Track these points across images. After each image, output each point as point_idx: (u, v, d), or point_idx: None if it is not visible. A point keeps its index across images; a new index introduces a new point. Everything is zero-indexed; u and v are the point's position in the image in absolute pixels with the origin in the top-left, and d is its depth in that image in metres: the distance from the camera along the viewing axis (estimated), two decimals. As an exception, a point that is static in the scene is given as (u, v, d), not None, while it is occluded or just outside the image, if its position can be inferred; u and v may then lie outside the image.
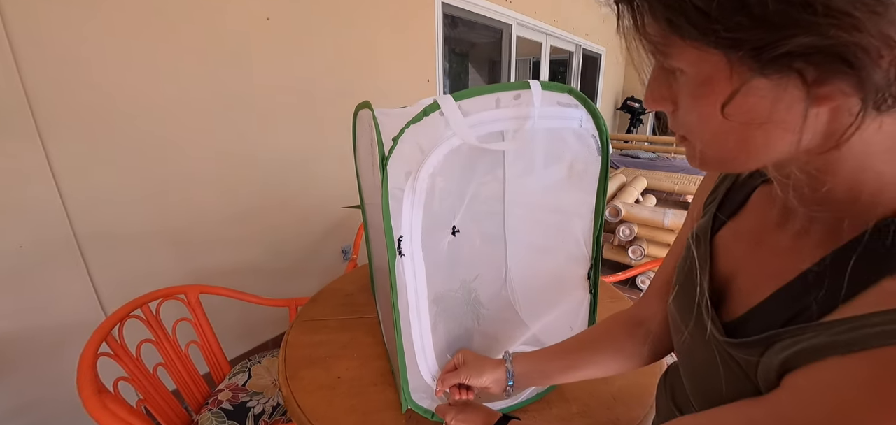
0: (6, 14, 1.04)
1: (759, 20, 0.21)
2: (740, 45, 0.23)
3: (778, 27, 0.21)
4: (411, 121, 0.45)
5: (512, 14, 3.17)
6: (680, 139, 0.31)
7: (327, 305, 1.09)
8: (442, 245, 0.67)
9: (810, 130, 0.24)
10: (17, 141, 1.11)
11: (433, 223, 0.57)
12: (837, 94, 0.23)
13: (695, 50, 0.25)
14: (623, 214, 2.57)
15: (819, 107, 0.23)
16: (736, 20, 0.22)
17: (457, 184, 0.67)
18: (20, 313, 1.21)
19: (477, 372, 0.62)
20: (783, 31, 0.21)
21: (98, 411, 0.78)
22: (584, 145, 0.62)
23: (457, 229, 0.69)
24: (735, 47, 0.23)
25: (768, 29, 0.22)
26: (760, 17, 0.21)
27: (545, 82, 0.51)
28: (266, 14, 1.58)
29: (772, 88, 0.23)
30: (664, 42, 0.26)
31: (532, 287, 0.89)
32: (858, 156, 0.25)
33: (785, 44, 0.21)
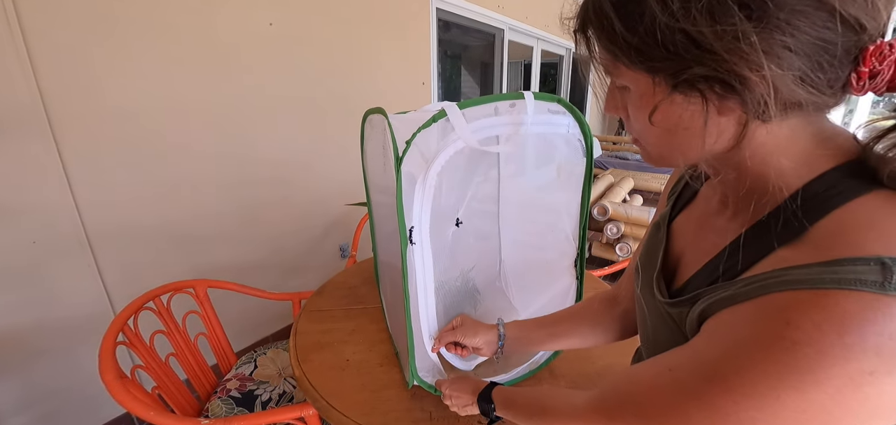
0: (24, 20, 1.09)
1: (669, 54, 0.30)
2: (658, 70, 0.32)
3: (680, 59, 0.30)
4: (422, 127, 0.53)
5: (504, 19, 3.26)
6: (634, 140, 0.40)
7: (332, 297, 1.16)
8: (447, 235, 0.75)
9: (720, 135, 0.33)
10: (33, 141, 1.16)
11: (440, 216, 0.65)
12: (730, 109, 0.31)
13: (632, 72, 0.34)
14: (610, 213, 2.67)
15: (723, 118, 0.32)
16: (655, 53, 0.31)
17: (459, 182, 0.75)
18: (32, 306, 1.25)
19: (471, 333, 0.71)
20: (684, 62, 0.30)
21: (121, 395, 0.84)
22: (571, 148, 0.70)
23: (460, 221, 0.77)
24: (656, 72, 0.32)
25: (674, 60, 0.30)
26: (669, 52, 0.30)
27: (537, 93, 0.59)
28: (269, 20, 1.63)
29: (684, 103, 0.32)
30: (611, 65, 0.35)
31: (523, 277, 0.97)
32: (760, 154, 0.33)
33: (686, 72, 0.30)
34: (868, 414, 0.27)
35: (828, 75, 0.29)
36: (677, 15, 0.28)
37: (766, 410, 0.28)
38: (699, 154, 0.35)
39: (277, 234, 1.90)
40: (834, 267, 0.27)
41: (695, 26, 0.28)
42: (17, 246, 1.19)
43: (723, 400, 0.30)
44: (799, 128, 0.32)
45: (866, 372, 0.25)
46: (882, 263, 0.25)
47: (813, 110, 0.31)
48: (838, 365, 0.26)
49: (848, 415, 0.27)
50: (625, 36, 0.32)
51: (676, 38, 0.29)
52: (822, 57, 0.28)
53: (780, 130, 0.32)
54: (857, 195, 0.29)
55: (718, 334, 0.33)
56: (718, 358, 0.32)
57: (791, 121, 0.32)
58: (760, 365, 0.29)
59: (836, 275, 0.27)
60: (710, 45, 0.28)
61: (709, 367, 0.32)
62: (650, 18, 0.29)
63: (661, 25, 0.29)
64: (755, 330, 0.30)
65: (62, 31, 1.17)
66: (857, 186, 0.30)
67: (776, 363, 0.28)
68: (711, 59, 0.28)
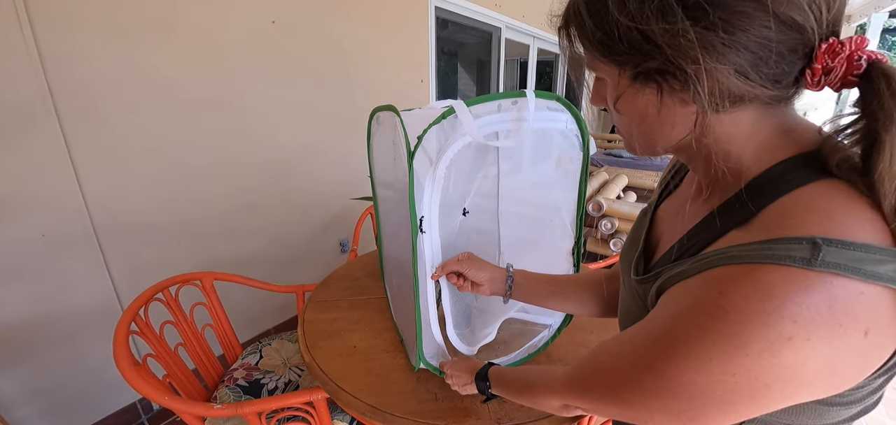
0: (33, 18, 1.11)
1: (629, 49, 0.34)
2: (622, 63, 0.36)
3: (638, 53, 0.34)
4: (432, 123, 0.57)
5: (501, 17, 3.30)
6: (619, 133, 0.44)
7: (337, 288, 1.19)
8: (454, 224, 0.79)
9: (678, 124, 0.37)
10: (42, 137, 1.18)
11: (447, 206, 0.69)
12: (684, 101, 0.34)
13: (604, 65, 0.38)
14: (605, 209, 2.73)
15: (680, 108, 0.35)
16: (618, 48, 0.35)
17: (465, 176, 0.79)
18: (40, 299, 1.27)
19: (476, 268, 0.73)
20: (641, 57, 0.34)
21: (137, 381, 0.87)
22: (569, 142, 0.75)
23: (466, 211, 0.81)
24: (621, 65, 0.36)
25: (633, 55, 0.34)
26: (629, 47, 0.34)
27: (538, 92, 0.64)
28: (271, 18, 1.66)
29: (643, 93, 0.36)
30: (589, 59, 0.40)
31: (522, 241, 1.01)
32: (724, 143, 0.36)
33: (642, 64, 0.34)
34: (792, 380, 0.29)
35: (772, 70, 0.31)
36: (633, 15, 0.32)
37: (702, 372, 0.31)
38: (666, 141, 0.39)
39: (279, 229, 1.93)
40: (771, 244, 0.30)
41: (646, 25, 0.32)
42: (26, 239, 1.21)
43: (667, 365, 0.33)
44: (760, 120, 0.35)
45: (784, 338, 0.28)
46: (813, 242, 0.28)
47: (766, 103, 0.34)
48: (759, 331, 0.28)
49: (773, 380, 0.29)
50: (594, 32, 0.36)
51: (633, 36, 0.33)
52: (764, 52, 0.31)
53: (742, 121, 0.35)
54: (805, 183, 0.32)
55: (666, 306, 0.36)
56: (663, 327, 0.35)
57: (751, 114, 0.35)
58: (696, 331, 0.31)
59: (770, 251, 0.29)
60: (659, 42, 0.32)
61: (656, 335, 0.35)
62: (613, 17, 0.34)
63: (621, 24, 0.33)
64: (694, 300, 0.33)
65: (71, 29, 1.19)
66: (807, 174, 0.32)
67: (708, 329, 0.30)
68: (660, 53, 0.32)
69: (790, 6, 0.29)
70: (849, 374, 0.30)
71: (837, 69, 0.30)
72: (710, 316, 0.31)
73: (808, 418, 0.35)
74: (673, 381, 0.33)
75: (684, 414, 0.33)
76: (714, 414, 0.32)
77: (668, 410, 0.34)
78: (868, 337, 0.28)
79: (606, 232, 2.75)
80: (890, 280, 0.27)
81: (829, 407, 0.34)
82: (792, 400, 0.31)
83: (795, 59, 0.31)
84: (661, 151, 0.41)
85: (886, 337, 0.29)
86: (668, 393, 0.33)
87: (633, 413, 0.37)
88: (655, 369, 0.34)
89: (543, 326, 0.91)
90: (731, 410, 0.31)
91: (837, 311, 0.27)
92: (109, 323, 1.41)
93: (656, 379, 0.34)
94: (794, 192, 0.32)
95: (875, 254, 0.27)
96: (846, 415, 0.35)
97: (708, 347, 0.30)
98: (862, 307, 0.27)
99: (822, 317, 0.27)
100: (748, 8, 0.29)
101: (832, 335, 0.28)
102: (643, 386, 0.35)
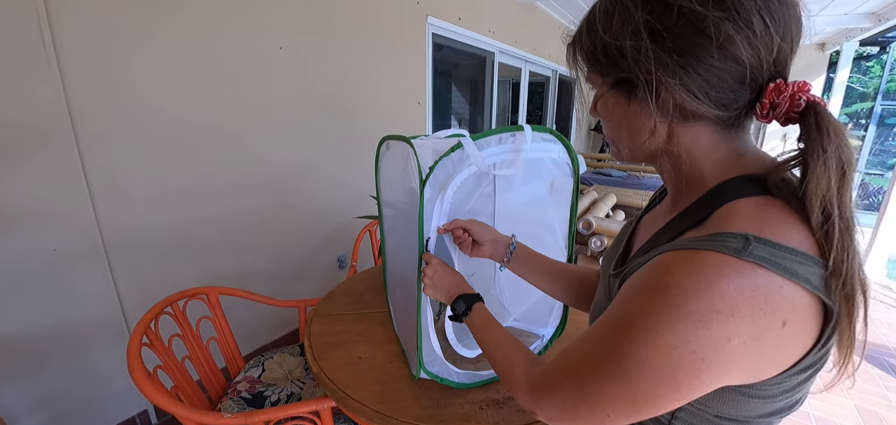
0: (58, 42, 1.18)
1: (608, 60, 0.43)
2: (604, 73, 0.45)
3: (614, 65, 0.42)
4: (443, 155, 0.65)
5: (494, 43, 3.44)
6: (606, 138, 0.51)
7: (340, 302, 1.25)
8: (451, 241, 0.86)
9: (644, 131, 0.43)
10: (60, 154, 1.23)
11: None
12: (645, 111, 0.41)
13: (593, 75, 0.47)
14: (595, 227, 2.82)
15: (645, 118, 0.42)
16: (601, 59, 0.44)
17: (465, 195, 0.87)
18: (49, 310, 1.31)
19: (483, 230, 0.79)
20: (616, 68, 0.42)
21: (149, 390, 0.91)
22: (561, 170, 0.83)
23: None
24: (604, 75, 0.45)
25: (610, 66, 0.43)
26: (608, 58, 0.43)
27: (534, 126, 0.72)
28: (279, 44, 1.75)
29: (616, 100, 0.44)
30: (586, 71, 0.48)
31: (516, 281, 1.08)
32: (689, 157, 0.43)
33: (617, 74, 0.43)
34: (721, 354, 0.33)
35: (718, 94, 0.38)
36: (614, 33, 0.41)
37: (651, 347, 0.35)
38: (640, 147, 0.45)
39: (279, 245, 1.98)
40: (712, 237, 0.35)
41: (621, 41, 0.40)
42: (39, 252, 1.25)
43: (622, 344, 0.37)
44: (718, 143, 0.42)
45: (714, 310, 0.32)
46: (745, 237, 0.33)
47: (717, 124, 0.41)
48: (695, 302, 0.33)
49: (706, 353, 0.33)
50: (588, 45, 0.45)
51: (611, 50, 0.41)
52: (710, 77, 0.37)
53: (700, 138, 0.42)
54: (748, 195, 0.38)
55: (623, 291, 0.41)
56: (620, 307, 0.39)
57: (708, 133, 0.42)
58: (645, 305, 0.36)
59: (710, 241, 0.35)
60: (627, 55, 0.40)
61: (613, 318, 0.40)
62: (599, 35, 0.42)
63: (604, 40, 0.42)
64: (644, 280, 0.38)
65: (92, 53, 1.26)
66: (750, 189, 0.38)
67: (655, 301, 0.35)
68: (627, 65, 0.40)
69: (732, 44, 0.36)
70: (769, 361, 0.35)
71: (782, 106, 0.37)
72: (657, 291, 0.35)
73: (734, 408, 0.39)
74: (628, 361, 0.36)
75: (640, 397, 0.37)
76: (663, 394, 0.36)
77: (626, 395, 0.38)
78: (786, 327, 0.33)
79: (596, 249, 2.83)
80: (805, 280, 0.33)
81: (751, 398, 0.38)
82: (723, 378, 0.35)
83: (743, 90, 0.38)
84: (640, 157, 0.47)
85: (802, 334, 0.34)
86: (625, 376, 0.37)
87: (597, 406, 0.40)
88: (613, 350, 0.38)
89: (537, 336, 0.97)
90: (676, 389, 0.36)
91: (759, 297, 0.32)
92: (114, 335, 1.46)
93: (615, 360, 0.38)
94: (738, 201, 0.38)
95: (795, 257, 0.33)
96: (767, 409, 0.39)
97: (655, 319, 0.35)
98: (781, 298, 0.33)
99: (745, 299, 0.32)
100: (699, 40, 0.37)
101: (753, 316, 0.32)
102: (604, 372, 0.39)
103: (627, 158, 0.49)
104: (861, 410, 1.88)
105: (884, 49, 6.51)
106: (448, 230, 0.78)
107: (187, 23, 1.46)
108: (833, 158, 0.34)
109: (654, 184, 4.61)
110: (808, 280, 0.33)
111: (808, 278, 0.33)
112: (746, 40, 0.36)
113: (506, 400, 0.85)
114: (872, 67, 7.43)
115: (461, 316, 0.69)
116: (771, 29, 0.36)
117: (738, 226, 0.35)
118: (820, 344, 0.35)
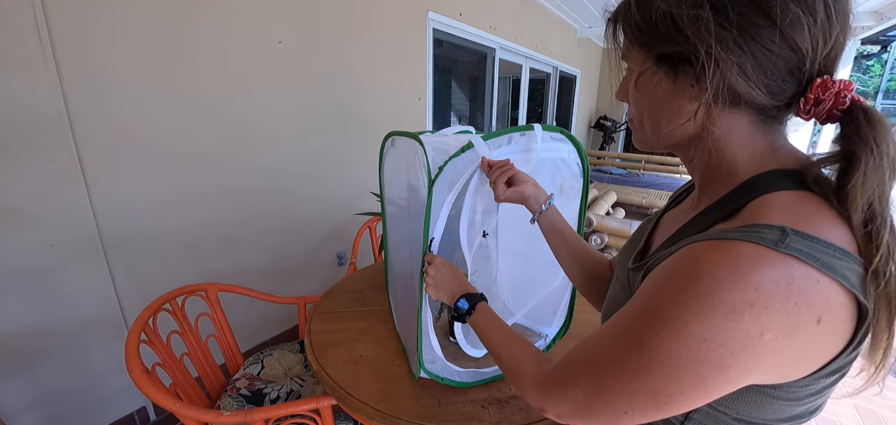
0: (54, 34, 1.16)
1: (659, 33, 0.40)
2: (650, 47, 0.42)
3: (665, 38, 0.39)
4: (452, 156, 0.64)
5: (495, 39, 3.42)
6: (631, 123, 0.49)
7: (340, 300, 1.24)
8: (475, 244, 0.84)
9: (683, 114, 0.41)
10: (57, 150, 1.22)
11: (470, 228, 0.74)
12: (693, 94, 0.39)
13: (634, 49, 0.44)
14: (595, 225, 2.82)
15: (686, 102, 0.40)
16: (651, 31, 0.41)
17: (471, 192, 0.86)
18: (45, 308, 1.29)
19: (525, 177, 0.73)
20: (667, 41, 0.39)
21: (148, 388, 0.90)
22: (570, 169, 0.82)
23: (486, 232, 0.87)
24: (649, 49, 0.42)
25: (661, 39, 0.40)
26: (659, 31, 0.40)
27: (544, 125, 0.71)
28: (278, 38, 1.73)
29: (660, 76, 0.41)
30: (625, 46, 0.45)
31: (516, 280, 1.07)
32: (720, 146, 0.41)
33: (667, 48, 0.40)
34: (751, 349, 0.32)
35: (769, 81, 0.36)
36: (670, 1, 0.38)
37: (677, 339, 0.33)
38: (670, 131, 0.43)
39: (279, 241, 1.97)
40: (745, 228, 0.34)
41: (679, 10, 0.37)
42: (35, 248, 1.24)
43: (646, 335, 0.35)
44: (754, 133, 0.40)
45: (747, 302, 0.31)
46: (782, 230, 0.32)
47: (759, 113, 0.39)
48: (726, 293, 0.31)
49: (736, 348, 0.32)
50: (635, 17, 0.42)
51: (665, 20, 0.39)
52: (765, 62, 0.36)
53: (737, 126, 0.40)
54: (784, 189, 0.36)
55: (648, 282, 0.39)
56: (645, 298, 0.38)
57: (746, 122, 0.40)
58: (672, 296, 0.34)
59: (744, 232, 0.33)
60: (685, 28, 0.37)
61: (638, 309, 0.38)
62: (653, 3, 0.40)
63: (659, 8, 0.39)
64: (672, 270, 0.36)
65: (89, 46, 1.24)
66: (787, 184, 0.37)
67: (683, 292, 0.33)
68: (683, 39, 0.38)
69: (794, 28, 0.34)
70: (800, 360, 0.34)
71: (826, 102, 0.36)
72: (686, 281, 0.34)
73: (755, 410, 0.38)
74: (652, 354, 0.35)
75: (661, 393, 0.35)
76: (687, 391, 0.34)
77: (646, 391, 0.36)
78: (820, 325, 0.31)
79: (596, 246, 2.83)
80: (843, 276, 0.31)
81: (775, 399, 0.36)
82: (750, 375, 0.34)
83: (791, 81, 0.37)
84: (669, 143, 0.45)
85: (835, 334, 0.33)
86: (647, 369, 0.35)
87: (613, 402, 0.39)
88: (635, 342, 0.36)
89: (540, 335, 0.97)
90: (701, 385, 0.34)
91: (794, 291, 0.31)
92: (112, 333, 1.45)
93: (637, 354, 0.36)
94: (774, 194, 0.36)
95: (833, 252, 0.32)
96: (789, 414, 0.38)
97: (683, 311, 0.33)
98: (817, 294, 0.31)
99: (780, 292, 0.31)
100: (761, 20, 0.35)
101: (787, 311, 0.31)
102: (625, 365, 0.37)
103: (656, 144, 0.47)
104: (860, 409, 1.88)
105: (884, 48, 6.51)
106: (491, 164, 0.72)
107: (186, 17, 1.44)
108: (885, 157, 0.33)
109: (653, 183, 4.60)
110: (846, 277, 0.32)
111: (846, 275, 0.32)
112: (807, 27, 0.35)
113: (508, 399, 0.84)
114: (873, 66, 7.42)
115: (465, 316, 0.67)
116: (832, 17, 0.35)
117: (774, 218, 0.34)
118: (852, 345, 0.34)
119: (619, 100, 0.50)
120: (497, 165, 0.71)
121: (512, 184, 0.72)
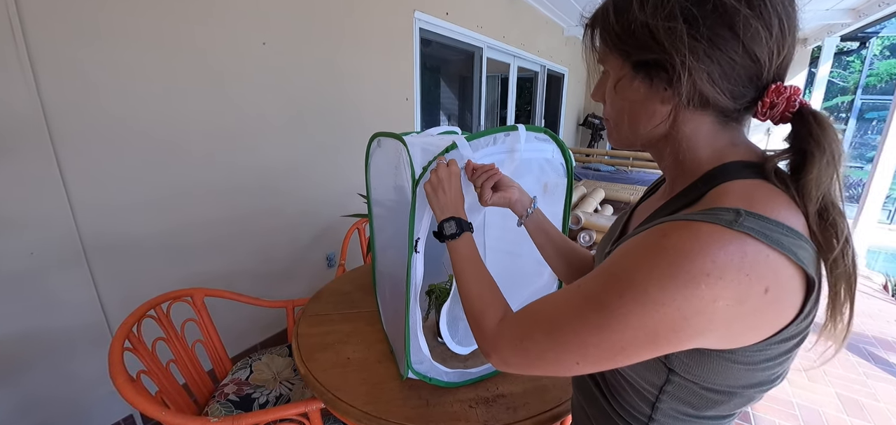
0: (29, 34, 1.14)
1: (636, 41, 0.43)
2: (627, 54, 0.45)
3: (642, 46, 0.43)
4: (437, 156, 0.64)
5: (483, 38, 3.43)
6: (606, 122, 0.52)
7: (328, 302, 1.23)
8: None
9: (656, 116, 0.45)
10: (34, 155, 1.19)
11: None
12: (666, 98, 0.43)
13: (612, 56, 0.47)
14: (583, 222, 2.84)
15: (660, 105, 0.44)
16: (628, 40, 0.44)
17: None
18: (28, 316, 1.27)
19: (510, 183, 0.74)
20: (644, 50, 0.43)
21: (132, 396, 0.89)
22: (554, 169, 0.83)
23: (473, 229, 0.87)
24: (626, 55, 0.45)
25: (638, 47, 0.43)
26: (636, 40, 0.43)
27: (528, 126, 0.72)
28: (262, 39, 1.71)
29: (637, 81, 0.45)
30: (603, 51, 0.48)
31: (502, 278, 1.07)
32: (689, 143, 0.46)
33: (643, 55, 0.43)
34: (704, 313, 0.36)
35: (732, 87, 0.41)
36: (648, 13, 0.41)
37: (638, 302, 0.37)
38: (645, 132, 0.47)
39: (266, 244, 1.95)
40: (707, 211, 0.38)
41: (656, 22, 0.41)
42: (15, 256, 1.21)
43: (611, 296, 0.39)
44: (717, 132, 0.45)
45: (704, 273, 0.35)
46: (737, 211, 0.36)
47: (723, 115, 0.44)
48: (687, 263, 0.36)
49: (690, 313, 0.36)
50: (613, 25, 0.45)
51: (642, 31, 0.42)
52: (729, 70, 0.40)
53: (703, 126, 0.45)
54: (743, 177, 0.41)
55: (616, 252, 0.43)
56: (611, 264, 0.42)
57: (711, 123, 0.44)
58: (637, 263, 0.39)
59: (706, 214, 0.38)
60: (660, 38, 0.41)
61: (605, 274, 0.42)
62: (633, 14, 0.43)
63: (637, 19, 0.42)
64: (640, 242, 0.40)
65: (65, 48, 1.22)
66: (744, 173, 0.41)
67: (648, 260, 0.38)
68: (659, 47, 0.41)
69: (755, 41, 0.39)
70: (751, 326, 0.38)
71: (780, 105, 0.41)
72: (652, 251, 0.38)
73: (718, 376, 0.42)
74: (614, 313, 0.39)
75: (616, 346, 0.39)
76: (640, 346, 0.39)
77: (603, 344, 0.40)
78: (768, 294, 0.36)
79: (585, 244, 2.86)
80: (791, 252, 0.36)
81: (733, 363, 0.41)
82: (700, 338, 0.38)
83: (751, 86, 0.41)
84: (642, 142, 0.49)
85: (783, 303, 0.37)
86: (608, 326, 0.39)
87: (568, 354, 0.42)
88: (599, 302, 0.40)
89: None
90: (654, 342, 0.38)
91: (746, 264, 0.35)
92: (97, 340, 1.42)
93: (598, 312, 0.40)
94: (732, 182, 0.41)
95: (783, 230, 0.36)
96: (751, 380, 0.42)
97: (646, 277, 0.37)
98: (766, 267, 0.35)
99: (733, 264, 0.35)
100: (727, 34, 0.39)
101: (739, 281, 0.35)
102: (585, 322, 0.41)
103: (633, 142, 0.50)
104: (842, 398, 1.93)
105: (863, 44, 6.67)
106: (475, 168, 0.72)
107: (166, 16, 1.42)
108: (834, 154, 0.37)
109: (641, 179, 4.66)
110: (794, 252, 0.36)
111: (794, 251, 0.36)
112: (765, 41, 0.39)
113: (495, 398, 0.85)
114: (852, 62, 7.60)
115: (448, 237, 0.64)
116: (784, 32, 0.40)
117: (732, 201, 0.38)
118: (802, 315, 0.38)
119: (594, 100, 0.53)
120: (481, 170, 0.72)
121: (498, 189, 0.74)
